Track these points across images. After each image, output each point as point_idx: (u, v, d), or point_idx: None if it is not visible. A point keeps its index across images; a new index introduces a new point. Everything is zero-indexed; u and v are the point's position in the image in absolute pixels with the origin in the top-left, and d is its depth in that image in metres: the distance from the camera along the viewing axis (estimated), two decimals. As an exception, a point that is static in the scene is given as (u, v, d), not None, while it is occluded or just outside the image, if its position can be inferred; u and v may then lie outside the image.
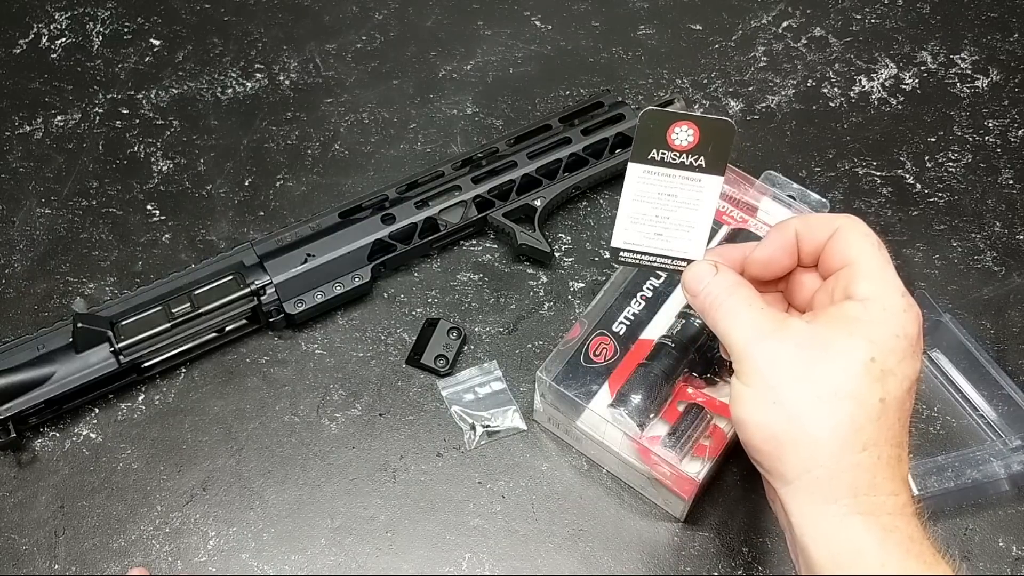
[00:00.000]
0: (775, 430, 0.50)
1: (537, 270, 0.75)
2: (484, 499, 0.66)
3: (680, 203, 0.56)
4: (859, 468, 0.49)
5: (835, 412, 0.49)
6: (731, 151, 0.55)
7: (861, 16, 0.88)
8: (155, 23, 0.88)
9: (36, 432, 0.69)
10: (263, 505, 0.66)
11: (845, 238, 0.54)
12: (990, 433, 0.67)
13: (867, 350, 0.50)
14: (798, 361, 0.50)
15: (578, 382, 0.65)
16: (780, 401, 0.50)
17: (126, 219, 0.78)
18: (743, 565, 0.64)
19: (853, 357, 0.50)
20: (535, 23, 0.88)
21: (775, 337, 0.51)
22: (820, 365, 0.50)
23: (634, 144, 0.56)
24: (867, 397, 0.49)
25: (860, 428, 0.49)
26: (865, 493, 0.49)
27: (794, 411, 0.50)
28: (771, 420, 0.50)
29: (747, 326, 0.52)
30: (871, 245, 0.53)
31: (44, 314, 0.73)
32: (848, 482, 0.49)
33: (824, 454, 0.49)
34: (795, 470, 0.50)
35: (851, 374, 0.50)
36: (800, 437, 0.50)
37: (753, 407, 0.51)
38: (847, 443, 0.49)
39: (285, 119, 0.83)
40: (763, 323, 0.52)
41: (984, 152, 0.80)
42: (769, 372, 0.51)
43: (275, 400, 0.70)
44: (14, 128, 0.82)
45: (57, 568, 0.64)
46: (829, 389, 0.50)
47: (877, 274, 0.52)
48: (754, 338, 0.51)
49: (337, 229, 0.73)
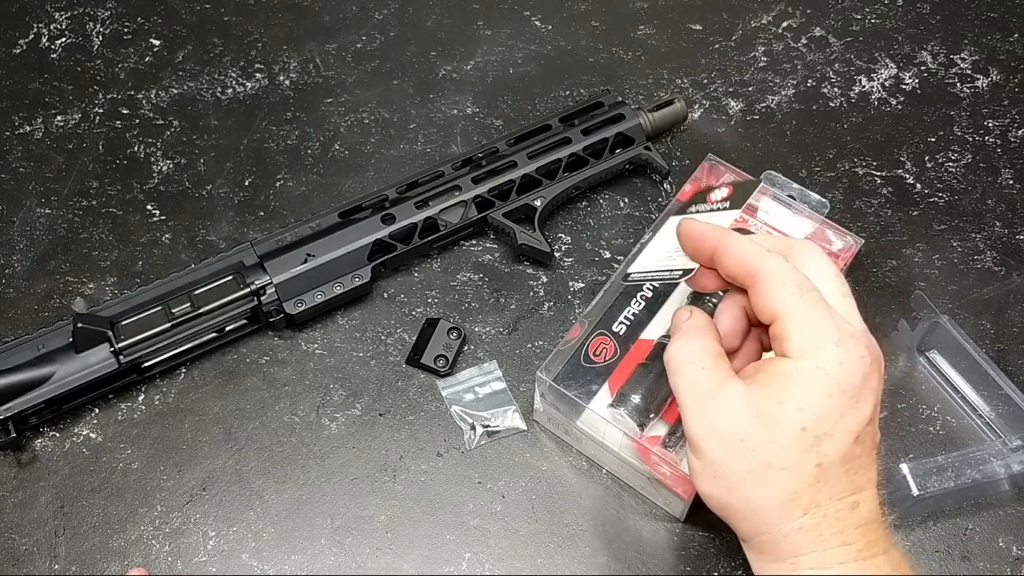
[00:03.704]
0: (720, 501, 0.52)
1: (537, 270, 0.75)
2: (484, 499, 0.66)
3: None
4: (801, 531, 0.49)
5: (770, 484, 0.49)
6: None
7: (861, 16, 0.88)
8: (155, 23, 0.88)
9: (36, 432, 0.69)
10: (263, 505, 0.66)
11: (765, 291, 0.51)
12: (990, 433, 0.67)
13: (797, 419, 0.49)
14: (731, 433, 0.50)
15: (578, 382, 0.65)
16: (720, 475, 0.51)
17: (126, 219, 0.78)
18: (743, 565, 0.64)
19: (784, 428, 0.49)
20: (535, 23, 0.88)
21: (710, 407, 0.51)
22: (752, 436, 0.49)
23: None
24: (802, 465, 0.49)
25: (797, 496, 0.49)
26: (811, 551, 0.49)
27: (732, 484, 0.51)
28: (715, 492, 0.52)
29: (688, 392, 0.52)
30: (793, 293, 0.50)
31: (44, 314, 0.73)
32: (792, 545, 0.50)
33: (764, 522, 0.50)
34: (745, 533, 0.52)
35: (783, 445, 0.49)
36: (742, 508, 0.51)
37: (700, 479, 0.52)
38: (785, 511, 0.50)
39: (285, 119, 0.83)
40: (700, 390, 0.52)
41: (984, 152, 0.81)
42: (706, 446, 0.51)
43: (275, 400, 0.70)
44: (14, 128, 0.82)
45: (57, 568, 0.64)
46: (762, 462, 0.49)
47: (807, 325, 0.49)
48: (692, 408, 0.52)
49: (337, 229, 0.73)
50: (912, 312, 0.70)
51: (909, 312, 0.70)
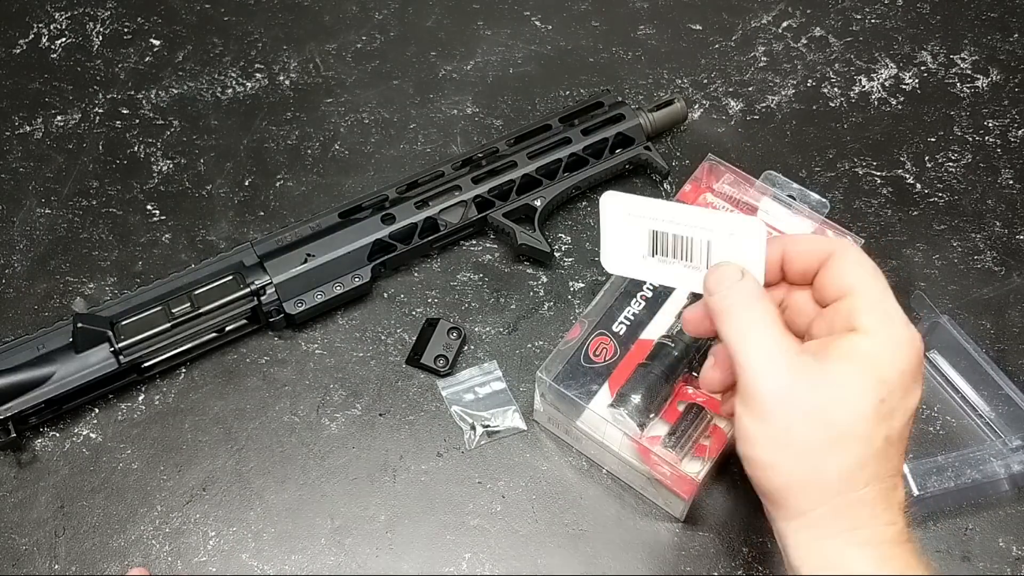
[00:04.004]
0: (785, 471, 0.50)
1: (537, 270, 0.75)
2: (484, 499, 0.66)
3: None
4: (860, 504, 0.49)
5: (844, 454, 0.49)
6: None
7: (861, 16, 0.88)
8: (155, 23, 0.88)
9: (36, 432, 0.69)
10: (263, 505, 0.66)
11: (840, 266, 0.52)
12: (990, 433, 0.67)
13: (878, 391, 0.49)
14: (811, 402, 0.50)
15: (578, 382, 0.65)
16: (792, 443, 0.50)
17: (126, 219, 0.78)
18: (743, 565, 0.64)
19: (865, 399, 0.49)
20: (535, 23, 0.88)
21: (788, 375, 0.50)
22: (832, 407, 0.50)
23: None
24: (874, 437, 0.49)
25: (864, 466, 0.49)
26: (863, 526, 0.49)
27: (805, 453, 0.50)
28: (782, 462, 0.50)
29: (759, 352, 0.51)
30: (868, 273, 0.52)
31: (44, 314, 0.73)
32: (849, 518, 0.49)
33: (829, 491, 0.50)
34: (800, 508, 0.50)
35: (862, 416, 0.49)
36: (810, 479, 0.50)
37: (764, 448, 0.50)
38: (851, 482, 0.49)
39: (285, 119, 0.83)
40: (775, 354, 0.50)
41: (984, 152, 0.80)
42: (782, 413, 0.50)
43: (275, 400, 0.70)
44: (14, 128, 0.82)
45: (57, 568, 0.64)
46: (840, 431, 0.49)
47: (879, 305, 0.51)
48: (766, 372, 0.50)
49: (337, 229, 0.73)
50: (912, 312, 0.70)
51: (909, 312, 0.69)
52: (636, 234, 0.56)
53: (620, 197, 0.57)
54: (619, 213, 0.57)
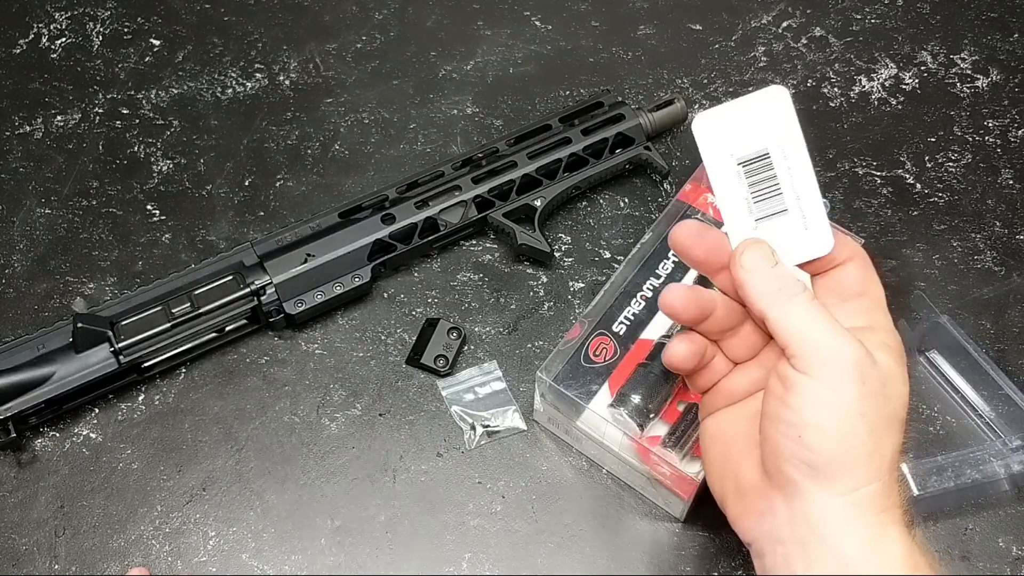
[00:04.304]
0: (858, 441, 0.50)
1: (537, 270, 0.75)
2: (484, 499, 0.66)
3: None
4: (896, 483, 0.52)
5: (897, 433, 0.51)
6: None
7: (861, 16, 0.88)
8: (155, 23, 0.88)
9: (36, 432, 0.69)
10: (263, 505, 0.66)
11: (866, 269, 0.55)
12: (990, 433, 0.67)
13: (907, 381, 0.52)
14: (878, 378, 0.50)
15: (578, 382, 0.65)
16: (867, 415, 0.50)
17: (126, 219, 0.78)
18: (743, 565, 0.64)
19: (905, 387, 0.52)
20: (535, 23, 0.88)
21: (860, 347, 0.50)
22: (890, 386, 0.51)
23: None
24: (904, 424, 0.52)
25: (899, 449, 0.52)
26: (898, 505, 0.51)
27: (875, 426, 0.50)
28: (857, 431, 0.50)
29: (828, 325, 0.51)
30: (878, 281, 0.55)
31: (44, 314, 0.73)
32: (893, 495, 0.51)
33: (887, 470, 0.50)
34: (856, 483, 0.50)
35: (905, 402, 0.52)
36: (875, 452, 0.50)
37: (839, 414, 0.50)
38: (893, 463, 0.51)
39: (285, 119, 0.83)
40: (842, 329, 0.51)
41: (984, 152, 0.80)
42: (859, 382, 0.49)
43: (275, 400, 0.70)
44: (14, 128, 0.82)
45: (57, 568, 0.64)
46: (894, 410, 0.51)
47: (885, 309, 0.55)
48: (843, 342, 0.50)
49: (337, 229, 0.73)
50: (912, 312, 0.70)
51: (909, 312, 0.70)
52: (754, 136, 0.54)
53: (787, 100, 0.53)
54: (769, 110, 0.53)
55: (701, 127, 0.54)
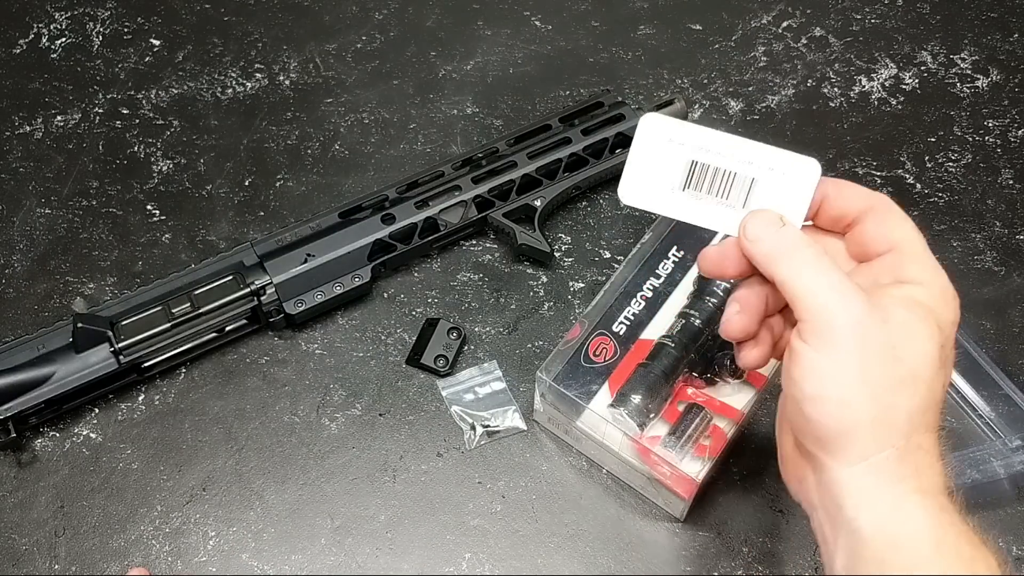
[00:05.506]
0: (858, 408, 0.48)
1: (537, 270, 0.75)
2: (484, 499, 0.66)
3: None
4: (920, 450, 0.49)
5: (913, 395, 0.48)
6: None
7: (861, 16, 0.88)
8: (155, 23, 0.88)
9: (36, 432, 0.69)
10: (263, 505, 0.66)
11: (885, 222, 0.52)
12: (990, 433, 0.67)
13: (938, 337, 0.49)
14: (883, 338, 0.48)
15: (578, 382, 0.65)
16: (867, 379, 0.48)
17: (126, 219, 0.78)
18: (743, 565, 0.64)
19: (930, 343, 0.49)
20: (535, 23, 0.88)
21: (861, 308, 0.48)
22: (902, 344, 0.49)
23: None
24: (935, 382, 0.49)
25: (927, 410, 0.49)
26: (924, 473, 0.49)
27: (880, 391, 0.48)
28: (855, 397, 0.48)
29: (829, 286, 0.49)
30: (912, 228, 0.52)
31: (44, 314, 0.73)
32: (913, 463, 0.48)
33: (899, 433, 0.48)
34: (866, 451, 0.48)
35: (929, 358, 0.49)
36: (881, 417, 0.48)
37: (837, 384, 0.48)
38: (916, 424, 0.49)
39: (285, 119, 0.83)
40: (846, 289, 0.49)
41: (984, 152, 0.81)
42: (858, 346, 0.48)
43: (275, 400, 0.70)
44: (14, 128, 0.82)
45: (57, 568, 0.64)
46: (910, 371, 0.48)
47: (926, 258, 0.51)
48: (839, 305, 0.48)
49: (337, 229, 0.73)
50: (912, 312, 0.70)
51: (909, 312, 0.70)
52: (671, 163, 0.53)
53: (664, 120, 0.53)
54: (659, 138, 0.53)
55: (632, 200, 0.54)
